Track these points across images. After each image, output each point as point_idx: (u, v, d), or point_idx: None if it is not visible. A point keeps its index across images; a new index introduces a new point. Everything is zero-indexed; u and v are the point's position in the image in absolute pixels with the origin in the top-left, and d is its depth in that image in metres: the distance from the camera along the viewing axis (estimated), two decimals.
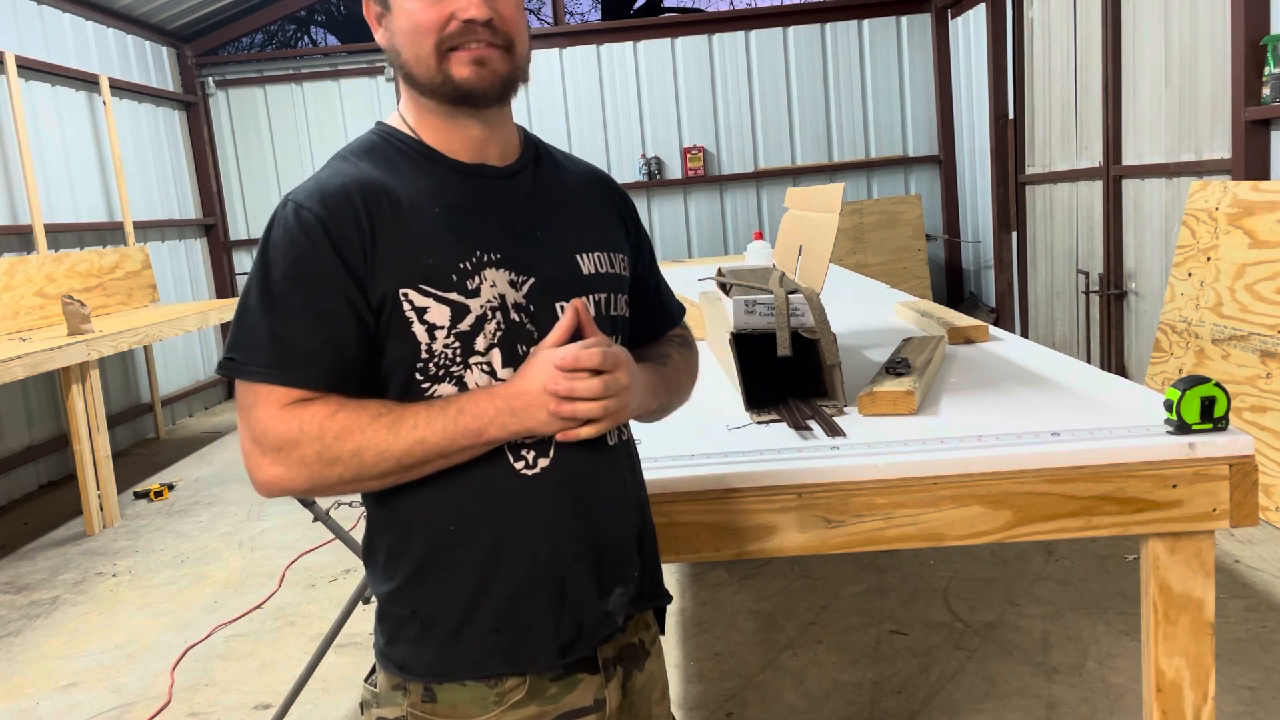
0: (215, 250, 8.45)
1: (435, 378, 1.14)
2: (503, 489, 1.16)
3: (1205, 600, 1.57)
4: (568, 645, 1.18)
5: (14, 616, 3.87)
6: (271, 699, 3.00)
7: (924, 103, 8.48)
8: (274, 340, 1.09)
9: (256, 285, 1.11)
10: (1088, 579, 3.34)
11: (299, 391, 1.09)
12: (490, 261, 1.15)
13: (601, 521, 1.21)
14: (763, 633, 3.15)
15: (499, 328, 1.15)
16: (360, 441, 1.08)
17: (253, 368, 1.09)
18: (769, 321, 1.92)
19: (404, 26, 1.16)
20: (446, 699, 1.18)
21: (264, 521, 4.83)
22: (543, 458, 1.16)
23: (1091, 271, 5.89)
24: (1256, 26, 4.10)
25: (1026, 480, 1.55)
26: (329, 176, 1.15)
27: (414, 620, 1.18)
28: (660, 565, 1.36)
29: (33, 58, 6.20)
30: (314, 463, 1.08)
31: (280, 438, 1.08)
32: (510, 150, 1.25)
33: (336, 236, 1.10)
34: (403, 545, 1.18)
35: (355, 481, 1.10)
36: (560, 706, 1.20)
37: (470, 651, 1.17)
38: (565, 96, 8.45)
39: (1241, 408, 3.81)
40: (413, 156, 1.19)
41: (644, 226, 1.42)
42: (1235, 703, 2.52)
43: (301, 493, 1.11)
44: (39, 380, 5.88)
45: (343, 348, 1.11)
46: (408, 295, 1.11)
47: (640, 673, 1.31)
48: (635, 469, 1.31)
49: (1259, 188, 4.02)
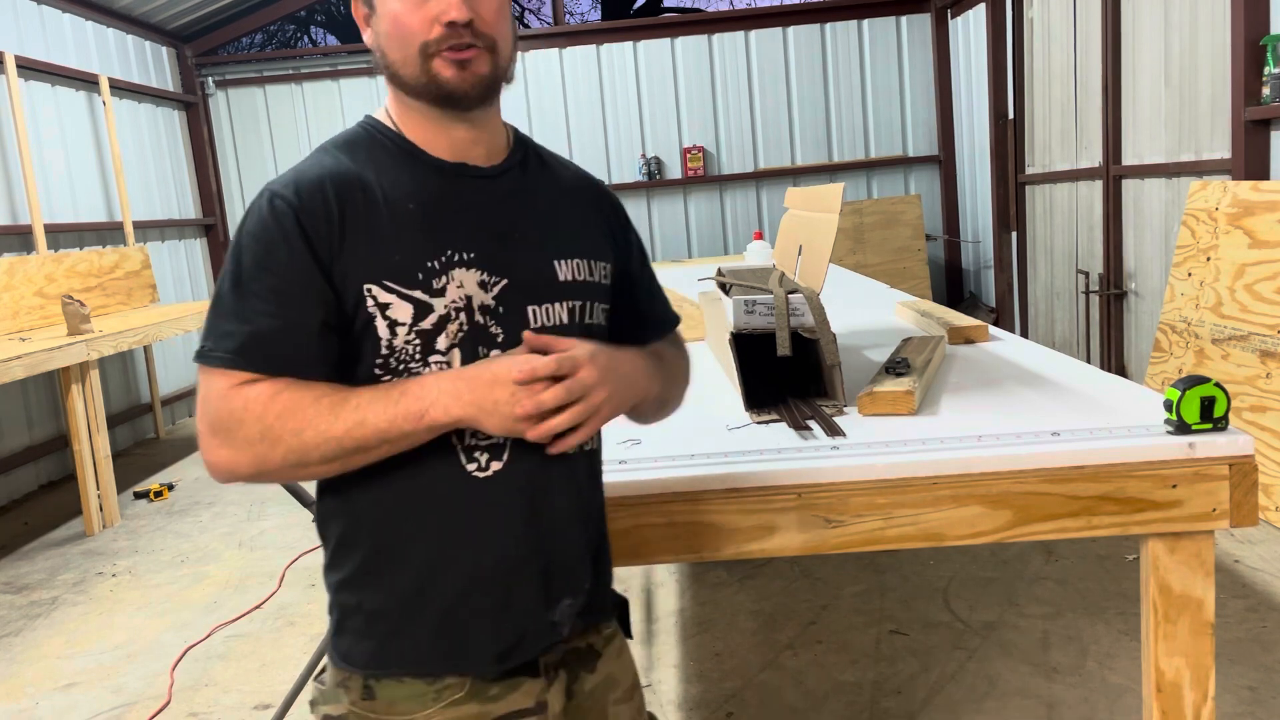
0: (215, 250, 8.45)
1: (394, 372, 1.14)
2: (452, 490, 1.15)
3: (1205, 600, 1.56)
4: (506, 652, 1.19)
5: (14, 616, 3.87)
6: (271, 699, 3.00)
7: (924, 103, 8.48)
8: (241, 327, 1.10)
9: (229, 273, 1.13)
10: (1088, 579, 3.34)
11: (248, 374, 1.09)
12: (461, 261, 1.15)
13: (552, 530, 1.20)
14: (763, 633, 3.15)
15: (461, 329, 1.15)
16: (301, 421, 1.08)
17: (218, 353, 1.10)
18: (769, 321, 1.92)
19: (388, 29, 1.16)
20: (385, 695, 1.18)
21: (264, 521, 4.83)
22: (495, 461, 1.16)
23: (1091, 271, 5.89)
24: (1256, 26, 4.10)
25: (1026, 480, 1.54)
26: (307, 168, 1.16)
27: (359, 612, 1.19)
28: (612, 575, 1.35)
29: (33, 58, 6.20)
30: (257, 443, 1.08)
31: (226, 417, 1.09)
32: (497, 151, 1.25)
33: (307, 226, 1.11)
34: (351, 536, 1.19)
35: (299, 466, 1.09)
36: (501, 707, 1.20)
37: (410, 648, 1.18)
38: (565, 96, 8.45)
39: (1241, 408, 3.81)
40: (394, 152, 1.20)
41: (636, 232, 1.40)
42: (1235, 703, 2.52)
43: (249, 477, 1.11)
44: (39, 380, 5.88)
45: (304, 336, 1.11)
46: (372, 290, 1.12)
47: (590, 674, 1.29)
48: (595, 480, 1.30)
49: (1259, 188, 4.02)
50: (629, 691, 1.36)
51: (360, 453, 1.10)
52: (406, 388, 1.10)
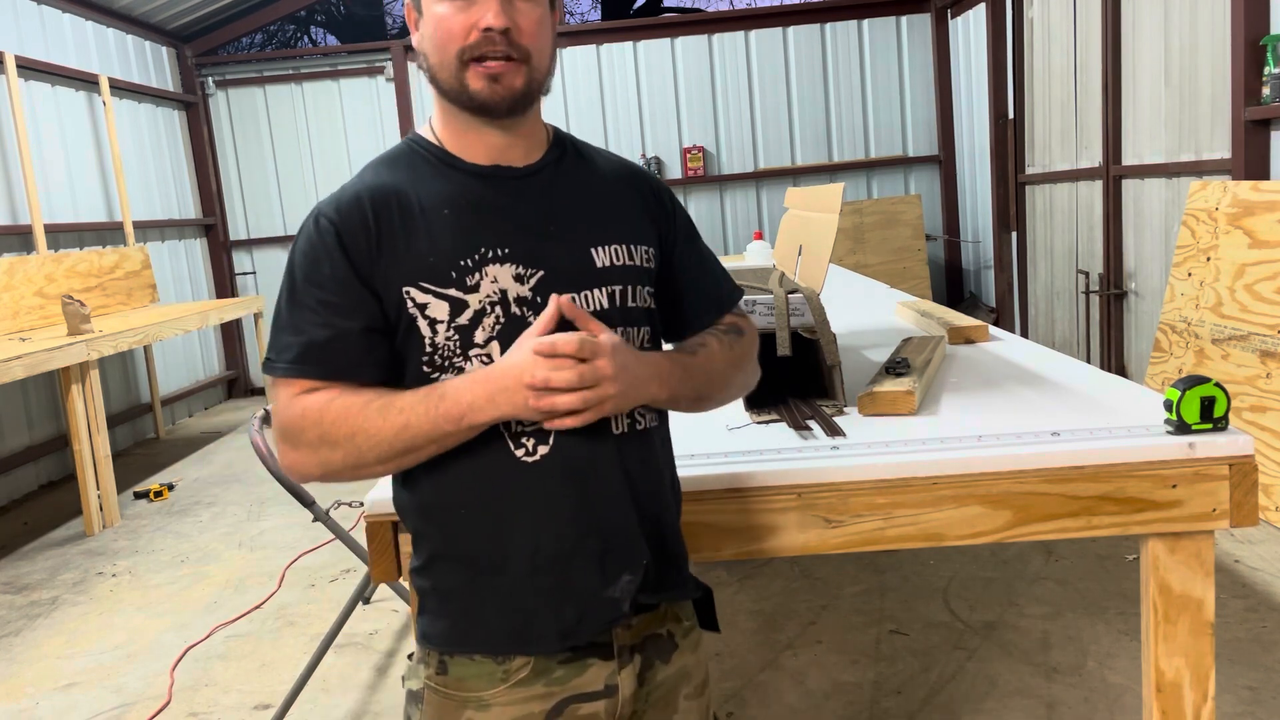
0: (215, 250, 8.45)
1: (441, 368, 1.20)
2: (504, 476, 1.20)
3: (1205, 600, 1.57)
4: (569, 631, 1.21)
5: (14, 616, 3.87)
6: (271, 699, 3.00)
7: (924, 103, 8.48)
8: (296, 338, 1.19)
9: (285, 290, 1.22)
10: (1088, 579, 3.34)
11: (306, 382, 1.19)
12: (495, 258, 1.20)
13: (604, 509, 1.22)
14: (763, 633, 3.15)
15: (498, 321, 1.19)
16: (354, 426, 1.16)
17: (280, 364, 1.20)
18: (769, 321, 1.92)
19: (431, 32, 1.20)
20: (456, 672, 1.24)
21: (264, 521, 4.83)
22: (542, 445, 1.20)
23: (1091, 271, 5.89)
24: (1256, 26, 4.10)
25: (1026, 480, 1.55)
26: (350, 186, 1.25)
27: (433, 593, 1.26)
28: (686, 556, 1.35)
29: (33, 58, 6.20)
30: (318, 446, 1.17)
31: (289, 424, 1.19)
32: (535, 150, 1.29)
33: (346, 240, 1.19)
34: (423, 526, 1.26)
35: (359, 466, 1.18)
36: (568, 689, 1.23)
37: (479, 627, 1.23)
38: (565, 96, 8.44)
39: (1241, 408, 3.81)
40: (433, 163, 1.25)
41: (685, 212, 1.40)
42: (1235, 703, 2.52)
43: (319, 477, 1.20)
44: (39, 380, 5.88)
45: (349, 341, 1.18)
46: (410, 293, 1.19)
47: (665, 665, 1.31)
48: (654, 458, 1.29)
49: (1259, 188, 4.02)
50: (700, 688, 1.37)
51: (411, 453, 1.17)
52: (444, 391, 1.16)
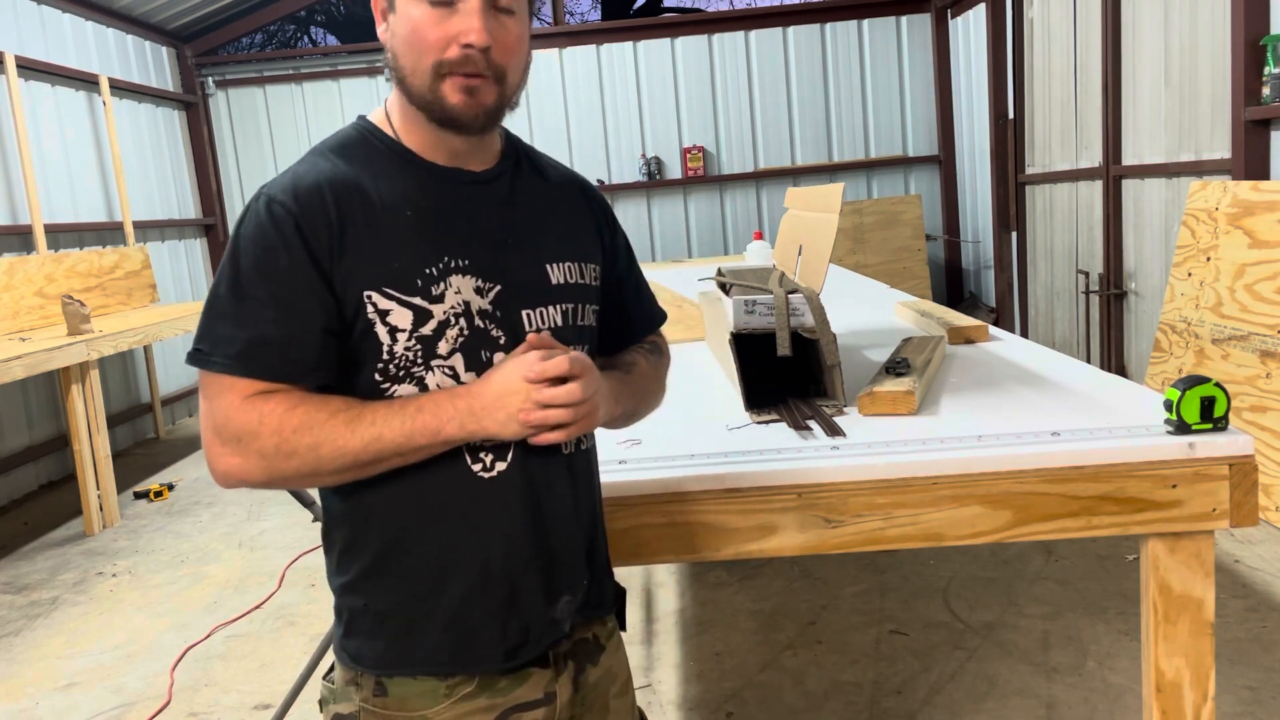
0: (215, 250, 8.45)
1: (395, 378, 1.15)
2: (459, 490, 1.17)
3: (1205, 600, 1.57)
4: (514, 649, 1.20)
5: (14, 616, 3.87)
6: (271, 699, 3.00)
7: (924, 103, 8.48)
8: (240, 332, 1.10)
9: (226, 277, 1.12)
10: (1088, 579, 3.34)
11: (261, 384, 1.10)
12: (458, 268, 1.16)
13: (554, 528, 1.22)
14: (763, 633, 3.15)
15: (461, 334, 1.16)
16: (318, 436, 1.09)
17: (218, 359, 1.10)
18: (769, 321, 1.92)
19: (405, 35, 1.14)
20: (397, 692, 1.20)
21: (264, 521, 4.83)
22: (500, 461, 1.17)
23: (1091, 271, 5.89)
24: (1256, 26, 4.10)
25: (1026, 480, 1.55)
26: (304, 171, 1.16)
27: (366, 613, 1.20)
28: (610, 573, 1.37)
29: (33, 58, 6.20)
30: (272, 455, 1.09)
31: (240, 429, 1.09)
32: (490, 155, 1.26)
33: (307, 233, 1.11)
34: (359, 539, 1.19)
35: (312, 476, 1.11)
36: (510, 700, 1.22)
37: (420, 647, 1.19)
38: (565, 96, 8.45)
39: (1241, 408, 3.81)
40: (390, 156, 1.20)
41: (623, 231, 1.41)
42: (1235, 703, 2.52)
43: (258, 484, 1.12)
44: (39, 380, 5.88)
45: (306, 343, 1.11)
46: (372, 297, 1.12)
47: (594, 667, 1.32)
48: (592, 479, 1.32)
49: (1259, 188, 4.02)
50: (625, 686, 1.39)
51: (373, 465, 1.12)
52: (422, 404, 1.11)
